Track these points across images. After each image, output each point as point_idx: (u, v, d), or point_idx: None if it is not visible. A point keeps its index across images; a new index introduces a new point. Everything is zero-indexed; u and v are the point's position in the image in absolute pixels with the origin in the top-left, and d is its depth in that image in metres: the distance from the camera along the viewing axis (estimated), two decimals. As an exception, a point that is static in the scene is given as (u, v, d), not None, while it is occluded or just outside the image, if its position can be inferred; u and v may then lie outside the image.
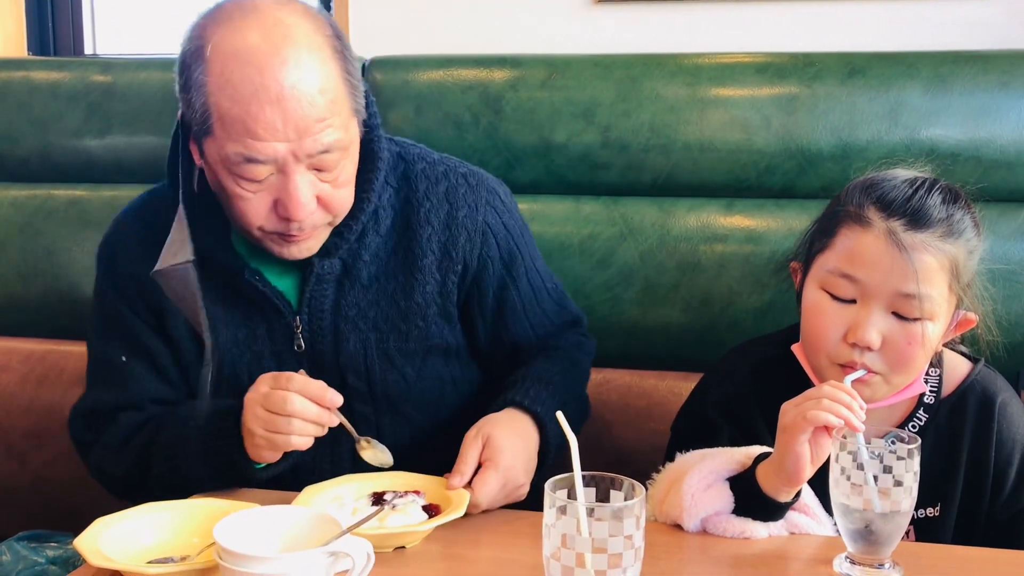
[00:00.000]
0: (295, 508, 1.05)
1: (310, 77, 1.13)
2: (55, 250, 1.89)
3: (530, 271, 1.41)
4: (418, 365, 1.34)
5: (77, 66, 1.95)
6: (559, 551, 0.87)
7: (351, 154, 1.22)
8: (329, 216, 1.22)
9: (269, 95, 1.11)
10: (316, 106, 1.13)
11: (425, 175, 1.34)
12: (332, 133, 1.16)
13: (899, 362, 1.17)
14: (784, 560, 1.10)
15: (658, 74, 1.71)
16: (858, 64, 1.66)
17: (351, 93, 1.20)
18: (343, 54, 1.19)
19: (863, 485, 1.04)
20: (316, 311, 1.29)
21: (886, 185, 1.21)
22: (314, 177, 1.18)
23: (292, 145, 1.14)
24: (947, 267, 1.17)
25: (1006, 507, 1.26)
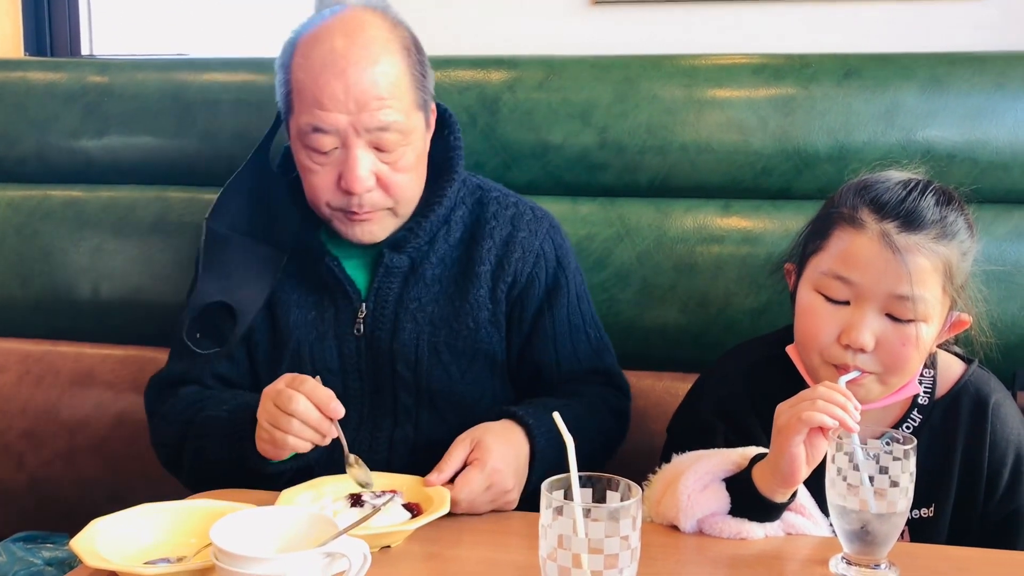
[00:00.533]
0: (291, 509, 1.05)
1: (375, 58, 1.28)
2: (52, 251, 1.88)
3: (571, 306, 1.48)
4: (464, 366, 1.42)
5: (74, 67, 1.95)
6: (555, 551, 0.87)
7: (412, 143, 1.34)
8: (389, 200, 1.34)
9: (336, 69, 1.27)
10: (377, 85, 1.28)
11: (497, 201, 1.47)
12: (391, 113, 1.29)
13: (893, 363, 1.18)
14: (780, 561, 1.10)
15: (655, 75, 1.71)
16: (854, 65, 1.67)
17: (416, 87, 1.34)
18: (414, 54, 1.34)
19: (859, 486, 1.04)
20: (381, 300, 1.40)
21: (880, 187, 1.21)
22: (374, 156, 1.31)
23: (352, 118, 1.28)
24: (940, 269, 1.17)
25: (1000, 507, 1.26)
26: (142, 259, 1.85)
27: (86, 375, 1.85)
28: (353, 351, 1.41)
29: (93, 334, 1.89)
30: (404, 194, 1.36)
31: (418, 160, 1.37)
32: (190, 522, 1.11)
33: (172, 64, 1.95)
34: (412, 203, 1.39)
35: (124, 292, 1.86)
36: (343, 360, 1.41)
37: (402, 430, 1.41)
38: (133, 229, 1.86)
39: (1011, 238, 1.60)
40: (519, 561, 1.08)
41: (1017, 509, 1.26)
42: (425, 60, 1.38)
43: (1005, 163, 1.62)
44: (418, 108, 1.35)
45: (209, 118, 1.84)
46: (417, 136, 1.35)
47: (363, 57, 1.28)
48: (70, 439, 1.82)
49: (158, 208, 1.86)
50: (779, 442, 1.08)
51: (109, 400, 1.83)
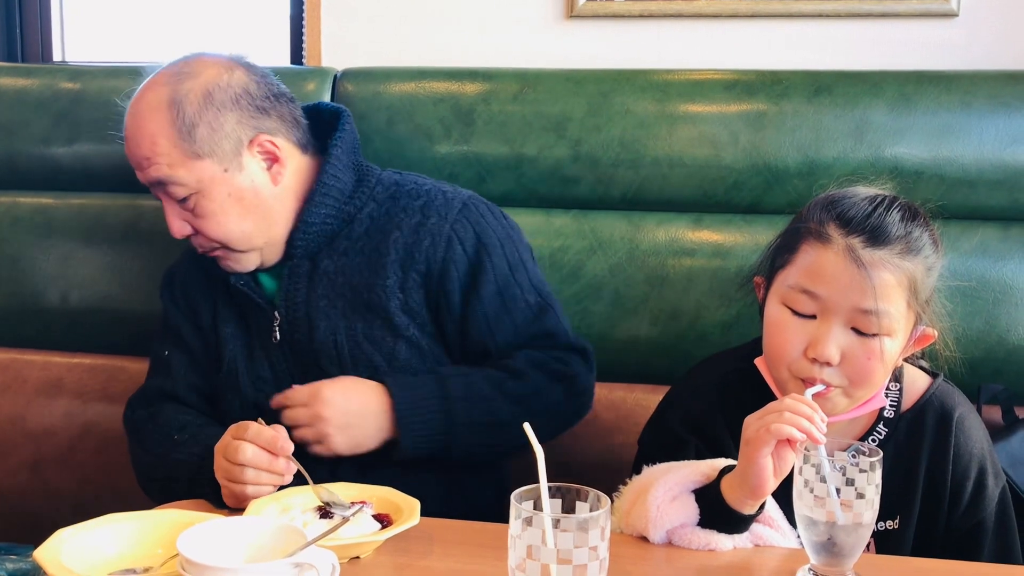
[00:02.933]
0: (259, 519, 1.04)
1: (137, 123, 1.39)
2: (20, 258, 1.87)
3: (501, 279, 1.46)
4: (387, 354, 1.43)
5: (45, 73, 1.93)
6: (525, 562, 0.88)
7: (204, 190, 1.39)
8: (214, 242, 1.42)
9: (125, 137, 1.42)
10: (140, 146, 1.39)
11: (409, 194, 1.48)
12: (158, 169, 1.38)
13: (858, 377, 1.19)
14: (748, 572, 1.11)
15: (628, 90, 1.73)
16: (824, 82, 1.69)
17: (183, 141, 1.37)
18: (184, 106, 1.37)
19: (826, 498, 1.05)
20: (291, 304, 1.45)
21: (846, 202, 1.23)
22: (178, 207, 1.41)
23: (141, 175, 1.41)
24: (905, 284, 1.18)
25: (963, 520, 1.27)
26: (112, 267, 1.84)
27: (54, 384, 1.83)
28: (279, 357, 1.45)
29: (61, 342, 1.87)
30: (220, 236, 1.40)
31: (222, 205, 1.40)
32: (157, 532, 1.09)
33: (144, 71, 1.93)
34: (247, 238, 1.42)
35: (93, 300, 1.85)
36: (273, 368, 1.46)
37: None
38: (103, 237, 1.85)
39: (976, 254, 1.62)
40: (488, 572, 1.08)
41: (980, 522, 1.28)
42: (212, 108, 1.38)
43: (971, 180, 1.64)
44: (196, 159, 1.37)
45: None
46: (209, 185, 1.39)
47: (131, 125, 1.40)
48: (36, 449, 1.80)
49: (129, 216, 1.85)
50: (747, 454, 1.09)
51: (77, 409, 1.81)
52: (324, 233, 1.45)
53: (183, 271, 1.57)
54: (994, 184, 1.64)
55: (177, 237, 1.42)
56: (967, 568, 1.14)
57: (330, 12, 2.02)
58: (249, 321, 1.48)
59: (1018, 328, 1.61)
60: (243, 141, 1.40)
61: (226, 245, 1.42)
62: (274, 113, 1.43)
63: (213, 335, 1.51)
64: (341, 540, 1.07)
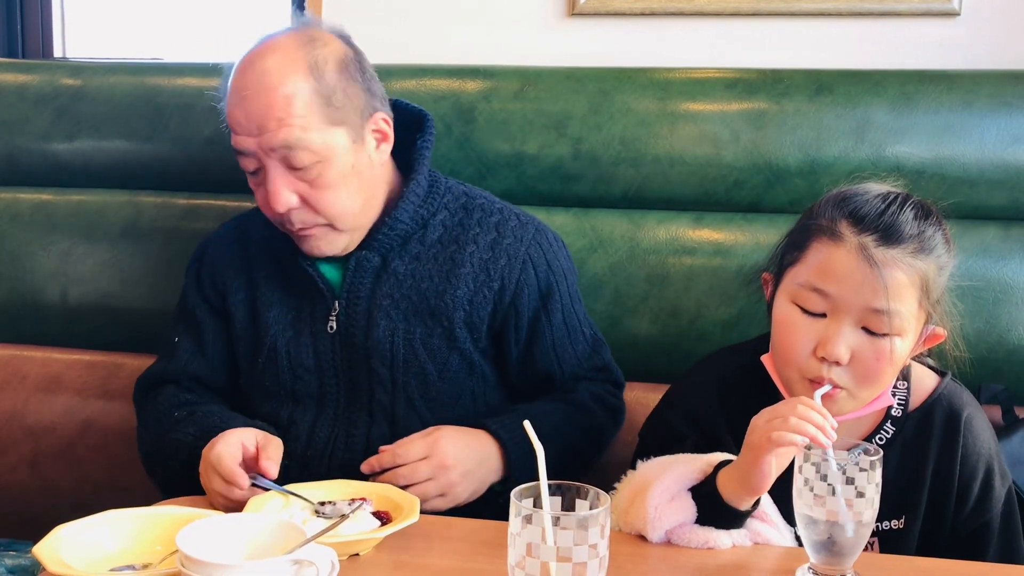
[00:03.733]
0: (259, 516, 1.04)
1: (271, 83, 1.32)
2: (20, 254, 1.86)
3: (566, 309, 1.49)
4: (440, 364, 1.43)
5: (46, 69, 1.93)
6: (524, 560, 0.88)
7: (331, 159, 1.34)
8: (319, 217, 1.37)
9: (238, 96, 1.34)
10: (272, 106, 1.31)
11: (483, 208, 1.49)
12: (292, 132, 1.31)
13: (866, 377, 1.18)
14: (747, 571, 1.11)
15: (629, 88, 1.73)
16: (826, 81, 1.69)
17: (324, 105, 1.33)
18: (323, 72, 1.34)
19: (826, 496, 1.04)
20: (353, 296, 1.43)
21: (859, 199, 1.21)
22: (291, 176, 1.34)
23: (258, 139, 1.32)
24: (917, 283, 1.17)
25: (969, 521, 1.27)
26: (112, 264, 1.84)
27: (53, 380, 1.82)
28: (328, 348, 1.43)
29: (61, 339, 1.87)
30: (332, 211, 1.37)
31: (343, 177, 1.36)
32: (156, 529, 1.10)
33: (146, 68, 1.94)
34: (352, 217, 1.39)
35: (93, 297, 1.85)
36: (318, 357, 1.44)
37: (379, 428, 1.42)
38: (103, 233, 1.85)
39: (977, 253, 1.62)
40: (488, 569, 1.08)
41: (987, 523, 1.27)
42: (350, 73, 1.37)
43: (972, 179, 1.64)
44: (331, 125, 1.34)
45: (182, 123, 1.83)
46: (337, 153, 1.35)
47: (260, 82, 1.32)
48: (35, 445, 1.79)
49: (129, 212, 1.85)
50: (749, 459, 1.09)
51: (76, 406, 1.81)
52: (402, 233, 1.43)
53: (218, 248, 1.54)
54: (995, 184, 1.64)
55: (280, 209, 1.35)
56: (970, 568, 1.14)
57: (331, 9, 2.02)
58: (300, 307, 1.46)
59: (1018, 328, 1.61)
60: (367, 114, 1.39)
61: (332, 222, 1.38)
62: (379, 93, 1.42)
63: (245, 317, 1.48)
64: (340, 537, 1.07)
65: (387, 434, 1.41)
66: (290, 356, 1.44)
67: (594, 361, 1.53)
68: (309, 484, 1.23)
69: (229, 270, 1.50)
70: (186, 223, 1.82)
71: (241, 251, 1.51)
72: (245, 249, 1.51)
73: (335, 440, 1.42)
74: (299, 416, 1.44)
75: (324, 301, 1.44)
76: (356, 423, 1.43)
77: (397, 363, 1.41)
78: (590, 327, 1.55)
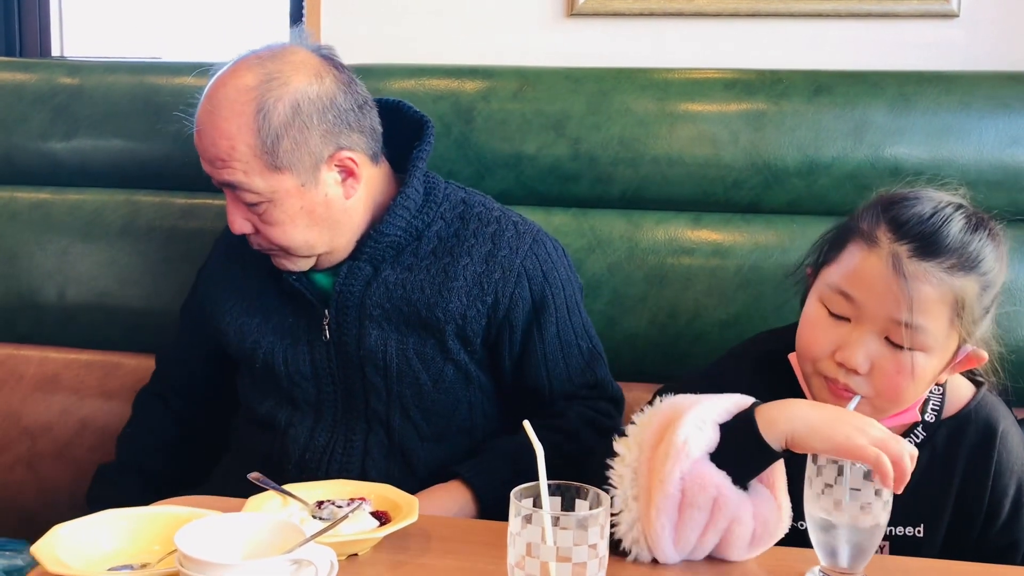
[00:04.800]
0: (257, 515, 1.04)
1: (217, 124, 1.32)
2: (18, 253, 1.86)
3: (561, 322, 1.46)
4: (435, 375, 1.42)
5: (43, 68, 1.93)
6: (524, 560, 0.88)
7: (276, 201, 1.34)
8: (274, 246, 1.38)
9: (198, 128, 1.35)
10: (217, 147, 1.32)
11: (479, 217, 1.46)
12: (233, 174, 1.32)
13: (885, 390, 1.14)
14: (755, 574, 1.10)
15: (628, 88, 1.73)
16: (824, 82, 1.69)
17: (264, 153, 1.31)
18: (270, 116, 1.30)
19: (843, 500, 1.03)
20: (343, 305, 1.42)
21: (905, 205, 1.16)
22: (243, 207, 1.36)
23: (212, 171, 1.35)
24: (950, 300, 1.12)
25: (998, 538, 1.23)
26: (109, 263, 1.83)
27: (50, 379, 1.82)
28: (323, 356, 1.43)
29: (58, 338, 1.87)
30: (283, 243, 1.37)
31: (292, 216, 1.35)
32: (154, 529, 1.09)
33: (144, 67, 1.93)
34: (308, 247, 1.39)
35: (91, 296, 1.84)
36: (315, 365, 1.44)
37: (376, 436, 1.42)
38: (101, 232, 1.84)
39: (975, 255, 1.62)
40: (487, 569, 1.07)
41: (1015, 541, 1.24)
42: (298, 123, 1.31)
43: (970, 181, 1.62)
44: (274, 171, 1.32)
45: (180, 122, 1.81)
46: (283, 196, 1.34)
47: (210, 121, 1.32)
48: (32, 444, 1.79)
49: (127, 212, 1.84)
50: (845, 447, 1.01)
51: (73, 405, 1.80)
52: (394, 243, 1.42)
53: (221, 252, 1.56)
54: (994, 185, 1.64)
55: (236, 233, 1.38)
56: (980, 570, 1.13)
57: (330, 9, 2.02)
58: (297, 314, 1.46)
59: (1018, 329, 1.61)
60: (323, 156, 1.35)
61: (288, 251, 1.39)
62: (356, 126, 1.37)
63: (239, 324, 1.48)
64: (339, 537, 1.07)
65: (384, 442, 1.42)
66: (287, 364, 1.44)
67: (586, 377, 1.50)
68: (308, 484, 1.23)
69: (224, 288, 1.52)
70: (184, 223, 1.82)
71: (240, 259, 1.51)
72: (243, 257, 1.50)
73: (333, 445, 1.43)
74: (298, 420, 1.45)
75: (315, 309, 1.44)
76: (354, 429, 1.43)
77: (391, 372, 1.41)
78: (588, 340, 1.51)
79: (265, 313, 1.47)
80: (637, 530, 1.08)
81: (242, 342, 1.47)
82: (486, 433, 1.48)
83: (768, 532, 1.11)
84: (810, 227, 1.67)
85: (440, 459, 1.43)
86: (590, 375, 1.50)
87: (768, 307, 1.65)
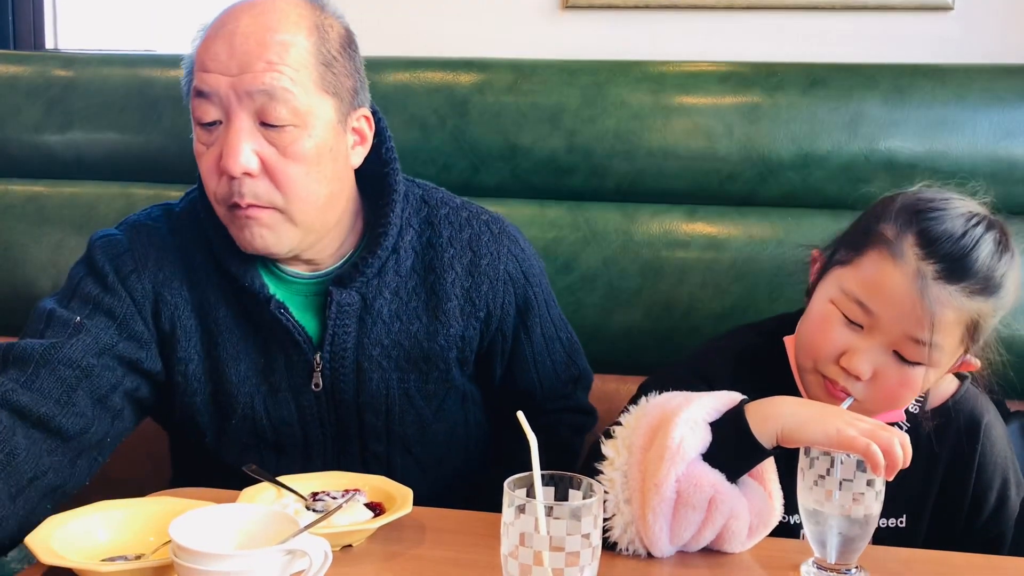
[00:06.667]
0: (252, 506, 1.04)
1: (269, 25, 1.16)
2: (12, 246, 1.86)
3: (544, 321, 1.43)
4: (436, 407, 1.36)
5: (37, 60, 1.92)
6: (517, 549, 0.88)
7: (310, 129, 1.17)
8: (278, 195, 1.17)
9: (225, 31, 1.16)
10: (265, 47, 1.15)
11: (449, 221, 1.34)
12: (278, 78, 1.14)
13: (884, 398, 1.13)
14: (750, 565, 1.11)
15: (623, 81, 1.73)
16: (819, 75, 1.69)
17: (322, 66, 1.18)
18: (328, 38, 1.20)
19: (835, 490, 1.04)
20: (339, 348, 1.27)
21: (935, 217, 1.11)
22: (259, 133, 1.16)
23: (234, 80, 1.14)
24: (965, 321, 1.11)
25: (984, 530, 1.24)
26: (104, 256, 1.83)
27: (45, 373, 1.82)
28: (312, 403, 1.29)
29: (53, 331, 1.86)
30: (294, 188, 1.17)
31: (318, 153, 1.18)
32: (149, 520, 1.09)
33: (138, 59, 1.93)
34: (314, 210, 1.20)
35: (85, 289, 1.84)
36: (301, 412, 1.29)
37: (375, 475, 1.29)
38: (96, 225, 1.82)
39: (969, 247, 1.62)
40: (481, 560, 1.07)
41: (1001, 533, 1.25)
42: (349, 55, 1.23)
43: (965, 173, 1.61)
44: (323, 92, 1.18)
45: (175, 114, 1.82)
46: (319, 125, 1.17)
47: (257, 23, 1.16)
48: (27, 437, 1.79)
49: (121, 205, 1.84)
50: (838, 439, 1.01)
51: (68, 398, 1.80)
52: (381, 258, 1.27)
53: (156, 261, 1.24)
54: (988, 178, 1.61)
55: (234, 170, 1.13)
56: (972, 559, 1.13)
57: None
58: (272, 357, 1.26)
59: (1012, 321, 1.61)
60: (355, 103, 1.23)
61: (288, 205, 1.17)
62: (367, 92, 1.27)
63: (203, 369, 1.25)
64: (334, 528, 1.07)
65: None
66: (269, 415, 1.28)
67: (571, 371, 1.48)
68: (302, 475, 1.23)
69: (176, 301, 1.24)
70: (179, 215, 1.82)
71: (188, 278, 1.25)
72: (191, 276, 1.25)
73: (327, 459, 1.33)
74: (285, 466, 1.29)
75: (303, 355, 1.26)
76: (349, 438, 1.33)
77: (393, 415, 1.32)
78: (565, 330, 1.48)
79: (235, 355, 1.26)
80: (632, 532, 1.08)
81: (214, 391, 1.26)
82: (478, 440, 1.45)
83: (763, 522, 1.12)
84: (805, 220, 1.68)
85: (439, 480, 1.39)
86: (573, 368, 1.49)
87: (763, 300, 1.66)
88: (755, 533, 1.12)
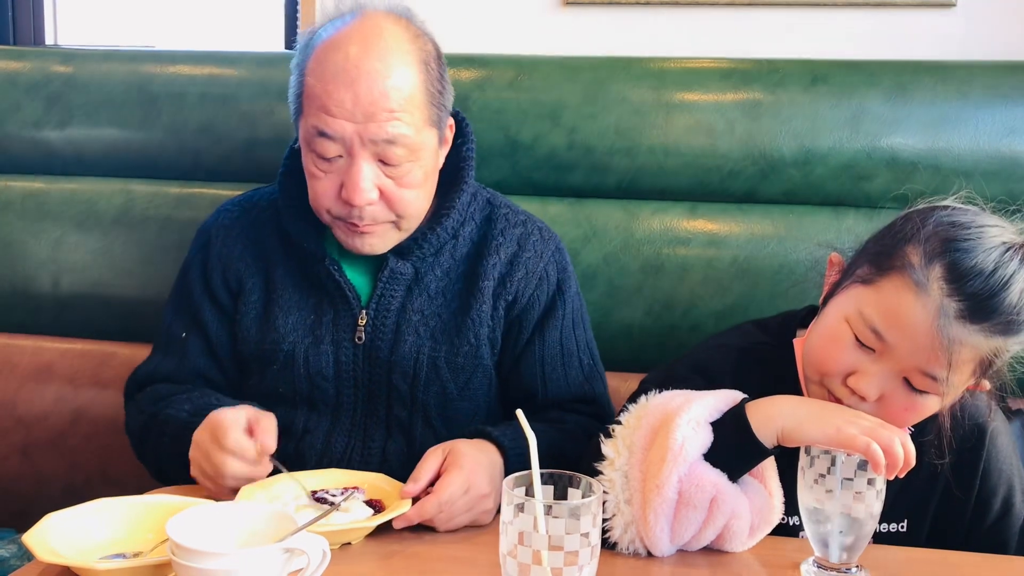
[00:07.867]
0: (250, 504, 1.04)
1: (388, 70, 1.25)
2: (11, 242, 1.85)
3: (565, 331, 1.45)
4: (462, 383, 1.39)
5: (37, 56, 1.92)
6: (516, 548, 0.87)
7: (421, 160, 1.30)
8: (392, 214, 1.31)
9: (348, 77, 1.24)
10: (387, 97, 1.24)
11: (506, 218, 1.45)
12: (399, 126, 1.25)
13: (888, 420, 1.09)
14: (750, 565, 1.11)
15: (624, 77, 1.72)
16: (821, 72, 1.68)
17: (430, 104, 1.30)
18: (433, 69, 1.30)
19: (836, 489, 1.03)
20: (383, 308, 1.38)
21: (966, 249, 1.06)
22: (379, 169, 1.28)
23: (359, 127, 1.24)
24: (978, 358, 1.08)
25: (987, 538, 1.23)
26: (104, 252, 1.83)
27: (45, 369, 1.82)
28: (350, 359, 1.38)
29: (52, 328, 1.86)
30: (408, 210, 1.32)
31: (426, 177, 1.33)
32: (147, 518, 1.09)
33: (138, 56, 1.92)
34: (417, 219, 1.35)
35: (85, 286, 1.84)
36: (338, 367, 1.38)
37: (395, 442, 1.38)
38: (95, 222, 1.84)
39: (971, 245, 1.62)
40: (479, 558, 1.07)
41: (1004, 541, 1.24)
42: (445, 75, 1.34)
43: (967, 170, 1.64)
44: (430, 125, 1.31)
45: (174, 111, 1.82)
46: (427, 154, 1.31)
47: (376, 68, 1.24)
48: (27, 434, 1.79)
49: (121, 201, 1.84)
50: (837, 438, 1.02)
51: (68, 395, 1.80)
52: (437, 244, 1.38)
53: (228, 239, 1.44)
54: (990, 175, 1.64)
55: (359, 203, 1.27)
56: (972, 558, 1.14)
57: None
58: (321, 312, 1.38)
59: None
60: (446, 121, 1.36)
61: (401, 220, 1.33)
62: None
63: (258, 319, 1.39)
64: (332, 526, 1.07)
65: (403, 450, 1.37)
66: (308, 364, 1.37)
67: (584, 390, 1.46)
68: (302, 472, 1.23)
69: (242, 264, 1.42)
70: (178, 212, 1.81)
71: (255, 245, 1.43)
72: (259, 243, 1.42)
73: (351, 451, 1.37)
74: (314, 424, 1.38)
75: (350, 310, 1.38)
76: (372, 436, 1.38)
77: (419, 381, 1.37)
78: (591, 358, 1.49)
79: (286, 307, 1.39)
80: (632, 532, 1.08)
81: (262, 339, 1.39)
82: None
83: (765, 520, 1.12)
84: (806, 217, 1.68)
85: None
86: (588, 389, 1.47)
87: (764, 297, 1.65)
88: (756, 532, 1.12)
